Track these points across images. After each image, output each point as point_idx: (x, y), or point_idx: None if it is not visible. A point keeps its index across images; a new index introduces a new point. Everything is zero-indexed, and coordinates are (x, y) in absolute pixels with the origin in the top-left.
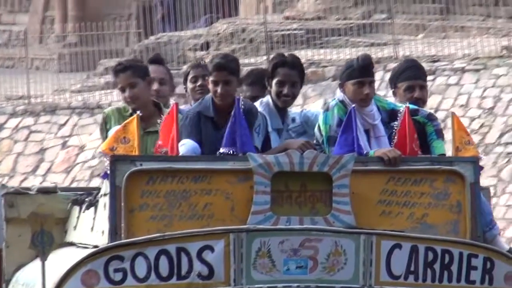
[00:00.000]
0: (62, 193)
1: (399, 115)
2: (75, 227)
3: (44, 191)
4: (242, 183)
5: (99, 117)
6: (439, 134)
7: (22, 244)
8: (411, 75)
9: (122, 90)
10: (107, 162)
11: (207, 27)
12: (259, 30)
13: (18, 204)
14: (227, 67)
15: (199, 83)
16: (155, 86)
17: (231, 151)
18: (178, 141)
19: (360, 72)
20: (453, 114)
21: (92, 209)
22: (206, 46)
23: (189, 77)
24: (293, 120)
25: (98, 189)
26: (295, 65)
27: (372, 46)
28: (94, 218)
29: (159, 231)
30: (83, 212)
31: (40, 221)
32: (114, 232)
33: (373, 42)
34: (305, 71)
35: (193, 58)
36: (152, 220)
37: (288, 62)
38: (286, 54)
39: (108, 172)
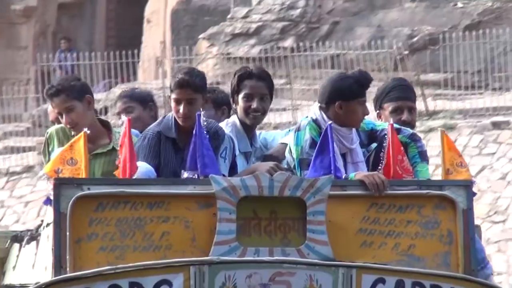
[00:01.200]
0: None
1: (381, 135)
2: (14, 267)
3: None
4: (203, 209)
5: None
6: (424, 156)
7: None
8: (400, 96)
9: (60, 115)
10: (50, 187)
11: (105, 92)
12: (158, 95)
13: None
14: (191, 83)
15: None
16: None
17: (196, 175)
18: (132, 161)
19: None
20: (442, 132)
21: (34, 243)
22: (104, 110)
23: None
24: (259, 147)
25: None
26: (263, 76)
27: (271, 111)
28: (35, 254)
29: (110, 264)
30: (24, 247)
31: None
32: (58, 266)
33: (271, 108)
34: None
35: None
36: (101, 251)
37: (254, 73)
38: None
39: (52, 197)
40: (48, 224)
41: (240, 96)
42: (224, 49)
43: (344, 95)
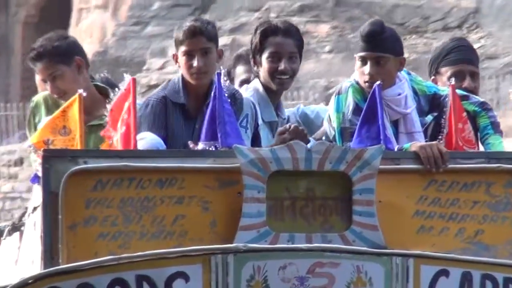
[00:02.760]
0: None
1: (445, 100)
2: None
3: None
4: (226, 188)
5: None
6: (496, 128)
7: None
8: (460, 58)
9: (46, 83)
10: (38, 161)
11: (20, 143)
12: None
13: None
14: (204, 31)
15: None
16: None
17: (213, 147)
18: (137, 130)
19: (363, 43)
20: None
21: (16, 235)
22: (20, 161)
23: None
24: (287, 119)
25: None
26: (291, 32)
27: None
28: (19, 248)
29: (111, 253)
30: (4, 239)
31: None
32: (49, 256)
33: None
34: None
35: (7, 174)
36: (101, 239)
37: (281, 28)
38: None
39: (40, 174)
40: (35, 208)
41: (264, 56)
42: (140, 100)
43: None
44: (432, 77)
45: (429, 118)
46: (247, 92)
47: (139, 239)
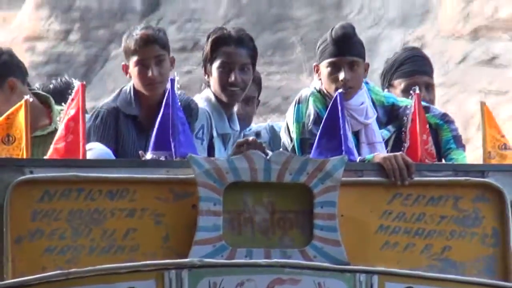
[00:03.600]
0: None
1: (405, 112)
2: None
3: None
4: (180, 200)
5: None
6: (459, 142)
7: None
8: (414, 70)
9: None
10: None
11: None
12: None
13: None
14: (157, 38)
15: None
16: None
17: (163, 157)
18: (86, 140)
19: (334, 48)
20: (483, 104)
21: None
22: None
23: None
24: (258, 134)
25: None
26: (244, 41)
27: None
28: None
29: (59, 268)
30: None
31: None
32: None
33: None
34: None
35: None
36: (48, 253)
37: (234, 37)
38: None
39: None
40: None
41: (215, 65)
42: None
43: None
44: (385, 90)
45: (385, 133)
46: (200, 102)
47: (88, 253)
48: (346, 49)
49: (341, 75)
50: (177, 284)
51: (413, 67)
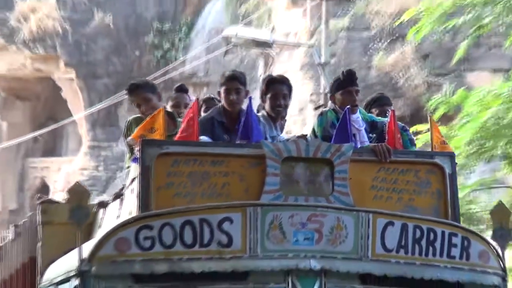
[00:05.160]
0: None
1: (379, 125)
2: (100, 226)
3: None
4: (255, 167)
5: None
6: (413, 143)
7: (54, 242)
8: (384, 103)
9: (138, 106)
10: (137, 148)
11: None
12: None
13: (51, 210)
14: (238, 77)
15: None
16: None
17: (245, 142)
18: (198, 133)
19: (347, 81)
20: (430, 116)
21: (118, 201)
22: None
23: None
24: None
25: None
26: (284, 81)
27: None
28: (119, 208)
29: (183, 206)
30: (108, 207)
31: (78, 197)
32: (144, 207)
33: None
34: None
35: None
36: (177, 196)
37: (277, 79)
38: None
39: (138, 156)
40: (133, 180)
41: (268, 96)
42: None
43: (330, 91)
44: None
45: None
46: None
47: (200, 197)
48: (353, 81)
49: (353, 98)
50: (254, 215)
51: (383, 101)
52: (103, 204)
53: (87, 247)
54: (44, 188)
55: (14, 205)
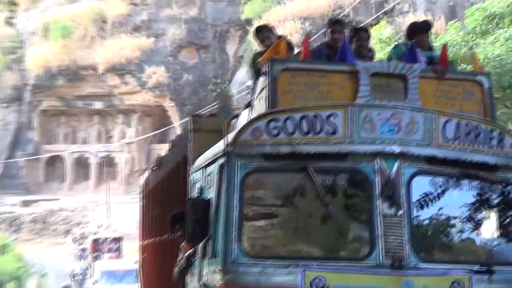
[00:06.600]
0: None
1: (435, 59)
2: (233, 129)
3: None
4: (351, 80)
5: None
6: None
7: (201, 142)
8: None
9: (262, 41)
10: (265, 66)
11: None
12: None
13: (199, 121)
14: (339, 22)
15: None
16: None
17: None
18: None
19: (422, 29)
20: (474, 54)
21: (246, 110)
22: None
23: None
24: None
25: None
26: (365, 29)
27: None
28: (249, 115)
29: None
30: (240, 114)
31: (224, 99)
32: (272, 105)
33: None
34: None
35: None
36: (296, 99)
37: (361, 28)
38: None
39: (267, 71)
40: (261, 90)
41: (354, 40)
42: None
43: (408, 34)
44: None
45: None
46: None
47: (312, 99)
48: (427, 30)
49: (423, 41)
50: (352, 112)
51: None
52: (235, 116)
53: (231, 135)
54: None
55: None
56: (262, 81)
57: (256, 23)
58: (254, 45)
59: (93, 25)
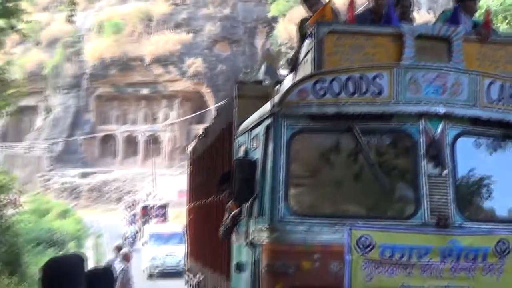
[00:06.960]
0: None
1: (480, 24)
2: (278, 92)
3: None
4: (395, 42)
5: None
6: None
7: (246, 108)
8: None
9: (310, 7)
10: (311, 29)
11: None
12: None
13: (243, 88)
14: None
15: None
16: None
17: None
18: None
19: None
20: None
21: (291, 75)
22: None
23: None
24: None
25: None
26: None
27: None
28: (293, 79)
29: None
30: (285, 79)
31: (271, 57)
32: (318, 67)
33: None
34: None
35: None
36: (342, 60)
37: None
38: None
39: (313, 33)
40: (306, 53)
41: (398, 7)
42: None
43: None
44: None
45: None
46: None
47: (358, 61)
48: None
49: (470, 8)
50: (397, 73)
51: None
52: (278, 82)
53: (277, 97)
54: None
55: None
56: (307, 43)
57: (281, 21)
58: (279, 39)
59: (141, 22)
